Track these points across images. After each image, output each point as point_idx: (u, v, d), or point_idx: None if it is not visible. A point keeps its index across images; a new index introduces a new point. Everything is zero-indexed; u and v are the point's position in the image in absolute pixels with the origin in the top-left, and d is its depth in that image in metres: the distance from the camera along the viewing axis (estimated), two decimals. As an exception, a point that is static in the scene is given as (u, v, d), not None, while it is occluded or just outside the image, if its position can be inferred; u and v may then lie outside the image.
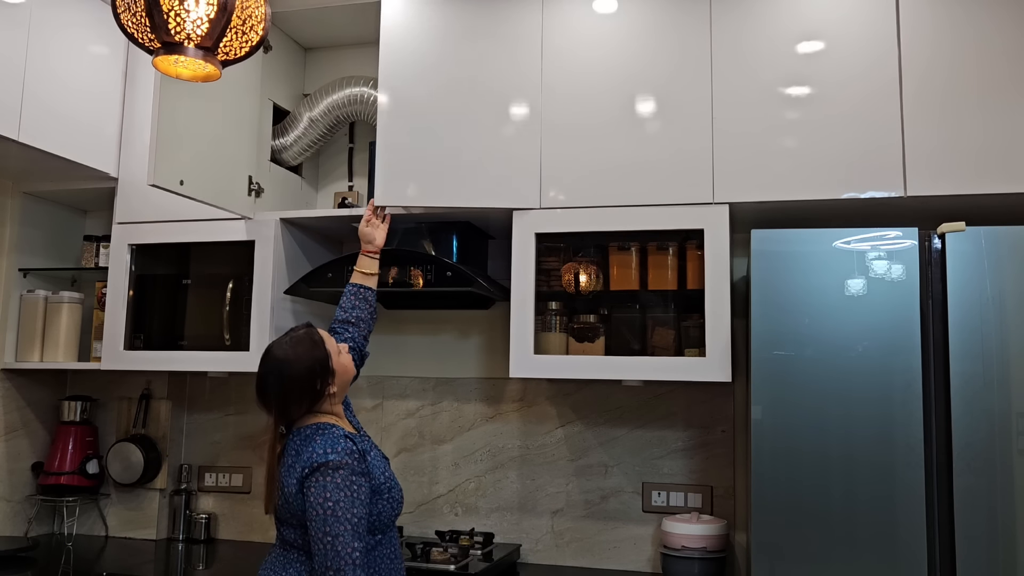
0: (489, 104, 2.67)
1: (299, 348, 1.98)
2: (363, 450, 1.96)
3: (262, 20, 1.81)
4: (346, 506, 1.83)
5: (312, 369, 1.97)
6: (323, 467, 1.85)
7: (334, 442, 1.90)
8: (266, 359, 2.00)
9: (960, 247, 2.10)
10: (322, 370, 1.98)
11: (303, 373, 1.97)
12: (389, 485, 2.00)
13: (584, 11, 2.69)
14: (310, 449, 1.90)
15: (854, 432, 2.11)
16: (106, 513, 3.28)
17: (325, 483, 1.84)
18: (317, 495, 1.84)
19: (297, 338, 2.01)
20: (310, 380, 1.97)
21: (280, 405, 1.98)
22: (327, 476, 1.85)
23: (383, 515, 1.97)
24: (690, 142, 2.56)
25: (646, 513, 2.86)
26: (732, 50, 2.56)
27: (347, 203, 3.04)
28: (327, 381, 2.00)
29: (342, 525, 1.82)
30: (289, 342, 2.00)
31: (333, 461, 1.86)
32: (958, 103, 2.39)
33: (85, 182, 3.08)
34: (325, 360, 1.99)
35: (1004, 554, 2.00)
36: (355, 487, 1.87)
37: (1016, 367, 2.04)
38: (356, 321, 2.36)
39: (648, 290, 2.69)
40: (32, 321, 3.18)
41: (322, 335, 2.04)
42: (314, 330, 2.05)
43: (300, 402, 1.98)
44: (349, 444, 1.92)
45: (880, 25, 2.46)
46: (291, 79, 3.22)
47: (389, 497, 1.99)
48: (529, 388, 3.02)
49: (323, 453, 1.88)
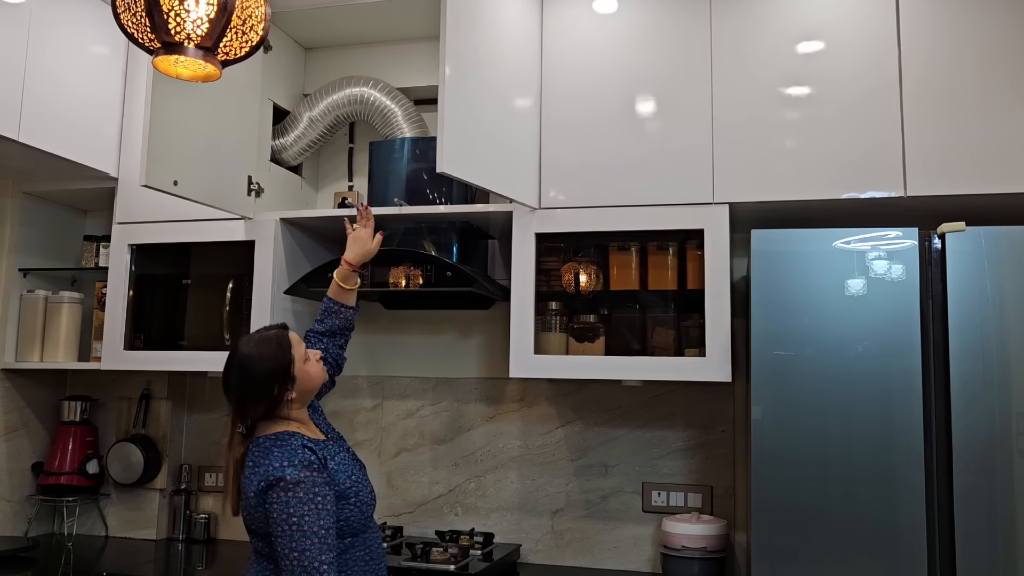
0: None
1: (263, 348, 1.94)
2: (324, 458, 1.92)
3: (262, 20, 1.81)
4: (311, 520, 1.80)
5: (272, 372, 1.92)
6: (281, 482, 1.81)
7: (291, 454, 1.86)
8: (232, 353, 1.97)
9: (960, 247, 2.10)
10: (282, 375, 1.93)
11: (262, 375, 1.91)
12: (356, 489, 1.96)
13: (584, 11, 2.69)
14: (267, 462, 1.86)
15: (854, 432, 2.11)
16: (106, 513, 3.28)
17: (287, 499, 1.80)
18: (280, 511, 1.80)
19: (264, 337, 1.96)
20: (268, 383, 1.92)
21: (237, 402, 1.94)
22: (288, 491, 1.80)
23: (351, 520, 1.93)
24: (690, 142, 2.56)
25: (646, 513, 2.86)
26: (732, 50, 2.56)
27: (347, 203, 3.04)
28: (286, 387, 1.93)
29: (308, 539, 1.78)
30: (255, 340, 1.95)
31: (291, 477, 1.81)
32: (958, 103, 2.39)
33: (85, 182, 3.08)
34: (287, 365, 1.94)
35: (1004, 554, 2.00)
36: (318, 499, 1.82)
37: (1016, 367, 2.04)
38: (332, 333, 2.29)
39: (648, 290, 2.69)
40: (32, 321, 3.18)
41: (292, 339, 1.98)
42: (285, 332, 1.99)
43: (257, 404, 1.92)
44: (307, 455, 1.87)
45: (880, 25, 2.46)
46: (291, 79, 3.22)
47: (356, 501, 1.95)
48: (529, 388, 3.02)
49: (280, 467, 1.83)
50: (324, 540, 1.80)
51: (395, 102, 3.04)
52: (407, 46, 3.18)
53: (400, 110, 3.03)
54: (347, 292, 2.30)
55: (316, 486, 1.83)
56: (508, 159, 2.55)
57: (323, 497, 1.83)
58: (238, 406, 1.94)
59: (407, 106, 3.06)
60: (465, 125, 2.35)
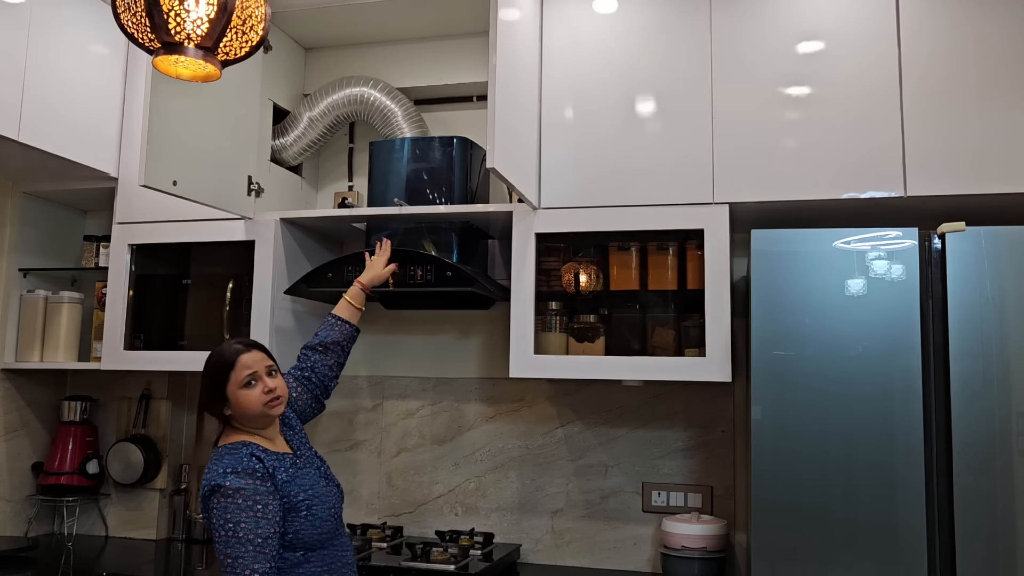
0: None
1: (211, 361, 1.99)
2: (272, 468, 1.91)
3: (262, 20, 1.81)
4: (248, 527, 1.80)
5: (205, 385, 1.99)
6: (221, 489, 1.83)
7: (236, 462, 1.88)
8: None
9: (960, 247, 2.10)
10: (213, 391, 1.97)
11: (204, 383, 1.99)
12: (311, 503, 1.94)
13: (584, 11, 2.69)
14: (214, 468, 1.88)
15: (854, 432, 2.11)
16: (106, 513, 3.28)
17: (226, 505, 1.82)
18: (219, 517, 1.82)
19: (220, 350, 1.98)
20: (204, 392, 1.99)
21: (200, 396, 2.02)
22: (227, 498, 1.82)
23: (302, 533, 1.91)
24: (690, 142, 2.56)
25: (646, 513, 2.86)
26: (732, 50, 2.56)
27: (347, 203, 3.04)
28: (219, 403, 1.96)
29: (243, 547, 1.79)
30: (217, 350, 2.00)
31: (231, 484, 1.83)
32: (958, 103, 2.39)
33: (85, 182, 3.08)
34: (220, 384, 1.95)
35: (1004, 554, 2.00)
36: (258, 507, 1.83)
37: (1016, 367, 2.04)
38: (324, 348, 2.25)
39: (648, 290, 2.69)
40: (32, 321, 3.18)
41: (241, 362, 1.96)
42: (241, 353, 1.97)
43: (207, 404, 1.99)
44: (253, 463, 1.88)
45: (880, 25, 2.46)
46: (291, 79, 3.22)
47: (309, 515, 1.93)
48: (529, 388, 3.02)
49: (222, 474, 1.85)
50: (260, 549, 1.81)
51: (395, 102, 3.04)
52: (407, 46, 3.18)
53: (400, 110, 3.04)
54: (353, 311, 2.33)
55: (258, 494, 1.84)
56: (526, 159, 2.56)
57: (264, 506, 1.84)
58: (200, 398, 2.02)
59: (407, 106, 3.06)
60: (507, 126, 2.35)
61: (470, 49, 3.10)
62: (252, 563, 1.79)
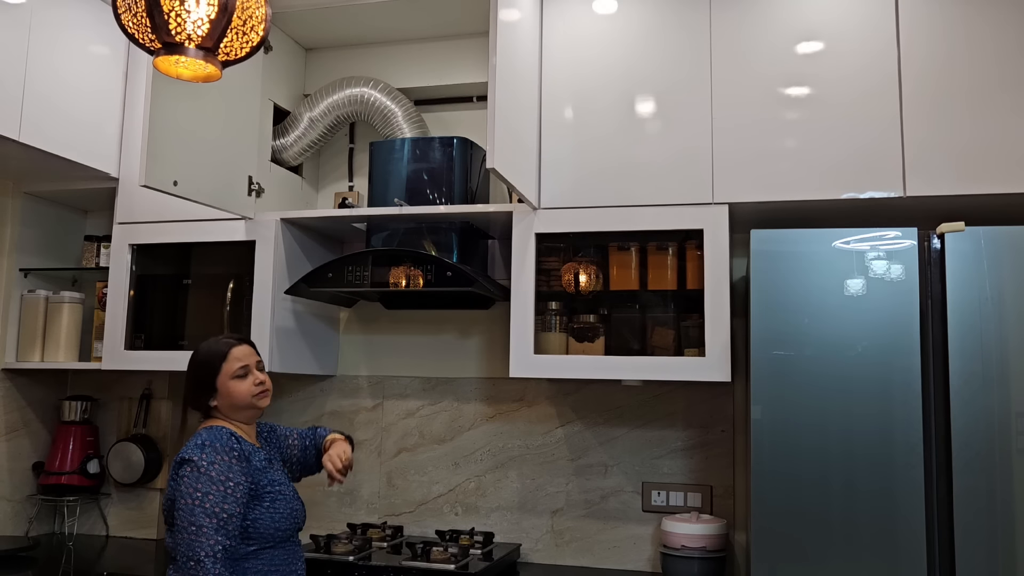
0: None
1: (200, 352, 2.03)
2: (248, 452, 1.96)
3: (262, 20, 1.82)
4: (216, 500, 1.83)
5: (195, 376, 2.02)
6: (194, 462, 1.87)
7: (214, 438, 1.91)
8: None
9: (960, 247, 2.10)
10: (203, 382, 2.01)
11: (190, 375, 2.03)
12: (274, 496, 1.96)
13: (584, 11, 2.70)
14: (191, 442, 1.92)
15: (854, 432, 2.11)
16: (107, 513, 3.29)
17: (197, 476, 1.85)
18: (188, 485, 1.85)
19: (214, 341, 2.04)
20: (193, 384, 2.03)
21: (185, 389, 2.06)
22: (199, 470, 1.85)
23: (259, 525, 1.92)
24: (690, 142, 2.56)
25: (646, 513, 2.86)
26: (732, 50, 2.56)
27: (347, 203, 3.04)
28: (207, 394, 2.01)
29: (208, 519, 1.82)
30: (209, 341, 2.05)
31: (205, 458, 1.87)
32: (957, 103, 2.39)
33: (85, 182, 3.08)
34: (211, 375, 2.01)
35: (1004, 554, 2.00)
36: (230, 484, 1.87)
37: (1015, 367, 2.04)
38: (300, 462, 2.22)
39: (648, 290, 2.69)
40: (33, 321, 3.19)
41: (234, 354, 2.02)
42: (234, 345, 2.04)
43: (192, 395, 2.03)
44: (231, 443, 1.93)
45: (879, 25, 2.46)
46: (291, 79, 3.22)
47: (271, 508, 1.95)
48: (529, 388, 3.03)
49: (198, 446, 1.89)
50: (224, 524, 1.83)
51: (395, 102, 3.04)
52: (407, 46, 3.18)
53: (400, 110, 3.04)
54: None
55: (230, 471, 1.88)
56: (526, 159, 2.56)
57: (235, 484, 1.88)
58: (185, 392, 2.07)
59: (407, 106, 3.06)
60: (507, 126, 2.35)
61: (470, 49, 3.10)
62: (215, 534, 1.82)
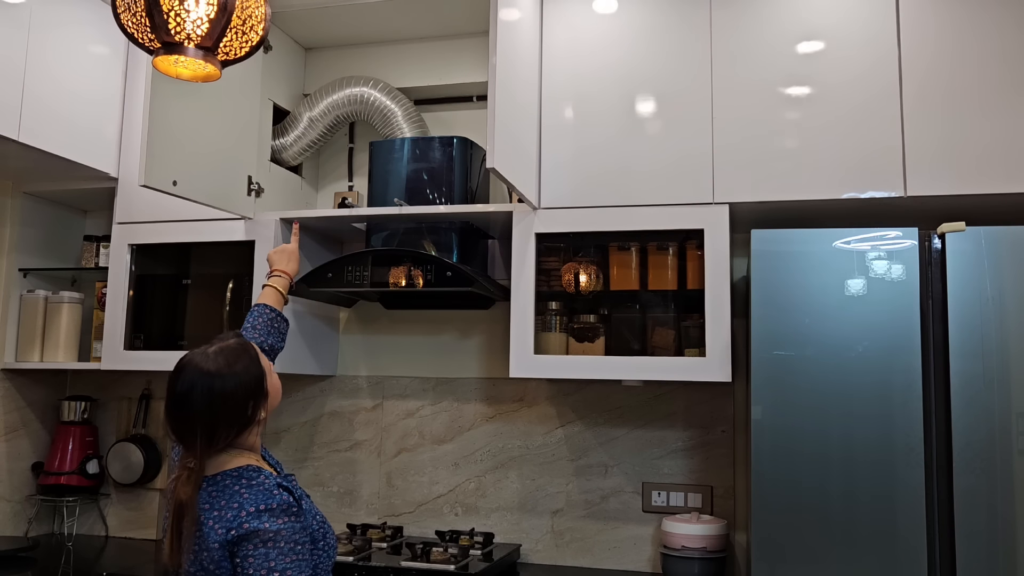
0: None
1: (233, 360, 1.68)
2: (300, 497, 1.72)
3: (262, 20, 1.81)
4: (293, 574, 1.59)
5: (248, 388, 1.67)
6: (259, 534, 1.59)
7: (267, 497, 1.63)
8: (187, 373, 1.67)
9: (960, 247, 2.10)
10: (257, 390, 1.69)
11: (239, 392, 1.66)
12: (323, 531, 1.78)
13: (584, 11, 2.69)
14: (237, 506, 1.62)
15: (854, 432, 2.11)
16: (106, 513, 3.28)
17: (266, 552, 1.58)
18: (259, 566, 1.57)
19: (230, 349, 1.71)
20: (244, 401, 1.67)
21: (207, 431, 1.64)
22: (267, 544, 1.58)
23: (320, 566, 1.75)
24: (690, 142, 2.56)
25: (646, 513, 2.86)
26: (732, 50, 2.56)
27: (347, 203, 3.04)
28: (260, 404, 1.71)
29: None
30: (220, 353, 1.69)
31: (271, 527, 1.59)
32: (958, 103, 2.39)
33: (85, 182, 3.08)
34: (261, 378, 1.71)
35: (1004, 554, 2.00)
36: (299, 547, 1.62)
37: (1016, 367, 2.04)
38: (268, 351, 2.09)
39: (648, 290, 2.69)
40: (32, 321, 3.18)
41: (256, 348, 1.76)
42: (247, 341, 1.77)
43: (229, 429, 1.66)
44: (284, 497, 1.65)
45: (880, 25, 2.46)
46: (291, 79, 3.22)
47: (324, 545, 1.77)
48: (529, 388, 3.02)
49: (256, 514, 1.60)
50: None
51: (395, 102, 3.04)
52: (407, 46, 3.18)
53: (400, 110, 3.04)
54: (281, 302, 2.20)
55: (295, 534, 1.63)
56: (526, 159, 2.56)
57: (302, 546, 1.64)
58: (207, 435, 1.65)
59: (407, 106, 3.06)
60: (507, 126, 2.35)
61: (470, 49, 3.10)
62: None
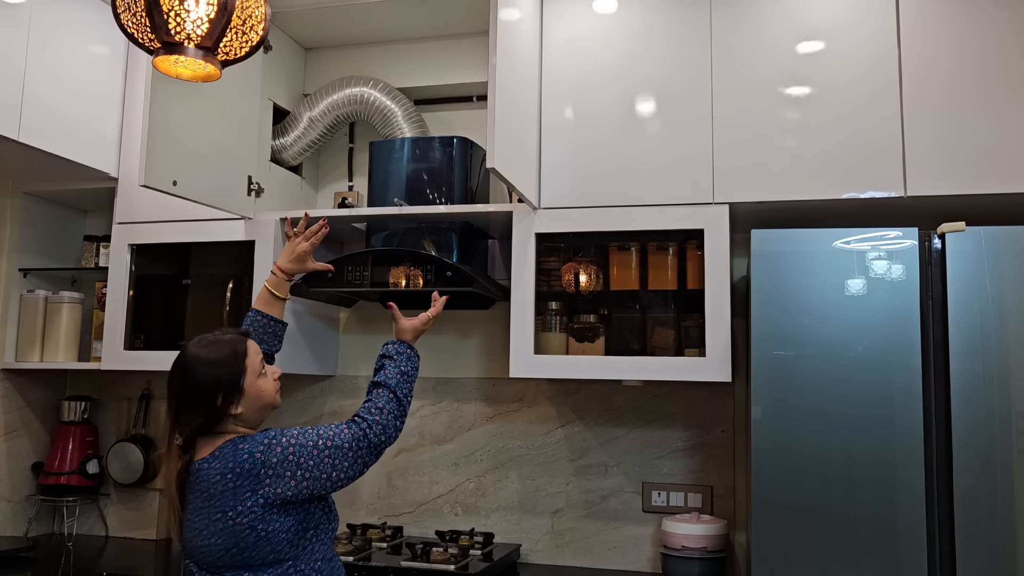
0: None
1: (212, 352, 1.77)
2: None
3: (262, 20, 1.81)
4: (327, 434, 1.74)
5: (217, 380, 1.75)
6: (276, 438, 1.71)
7: (263, 434, 1.74)
8: (180, 354, 1.81)
9: (960, 247, 2.10)
10: (228, 386, 1.75)
11: (206, 381, 1.74)
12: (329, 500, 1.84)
13: (584, 11, 2.69)
14: (248, 442, 1.71)
15: (854, 432, 2.11)
16: (106, 513, 3.28)
17: (303, 430, 1.73)
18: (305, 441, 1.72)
19: (218, 340, 1.80)
20: (211, 391, 1.74)
21: (175, 408, 1.77)
22: (298, 434, 1.72)
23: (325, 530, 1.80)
24: (690, 142, 2.56)
25: (646, 513, 2.85)
26: (732, 50, 2.56)
27: (347, 203, 3.04)
28: (231, 400, 1.75)
29: (339, 448, 1.72)
30: (207, 342, 1.80)
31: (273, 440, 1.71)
32: (958, 103, 2.39)
33: (85, 182, 3.08)
34: (236, 376, 1.76)
35: (1004, 554, 2.00)
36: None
37: (1016, 367, 2.04)
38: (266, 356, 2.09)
39: (648, 290, 2.69)
40: (32, 321, 3.18)
41: (249, 348, 1.81)
42: (243, 339, 1.83)
43: (194, 413, 1.74)
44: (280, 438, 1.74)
45: (880, 25, 2.46)
46: (291, 79, 3.22)
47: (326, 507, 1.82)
48: (529, 388, 3.02)
49: (263, 433, 1.73)
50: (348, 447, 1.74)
51: (395, 102, 3.04)
52: (407, 46, 3.18)
53: (400, 110, 3.03)
54: (277, 303, 2.16)
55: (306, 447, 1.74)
56: (526, 159, 2.56)
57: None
58: (174, 411, 1.77)
59: (407, 106, 3.06)
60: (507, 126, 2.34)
61: (470, 49, 3.10)
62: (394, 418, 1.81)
